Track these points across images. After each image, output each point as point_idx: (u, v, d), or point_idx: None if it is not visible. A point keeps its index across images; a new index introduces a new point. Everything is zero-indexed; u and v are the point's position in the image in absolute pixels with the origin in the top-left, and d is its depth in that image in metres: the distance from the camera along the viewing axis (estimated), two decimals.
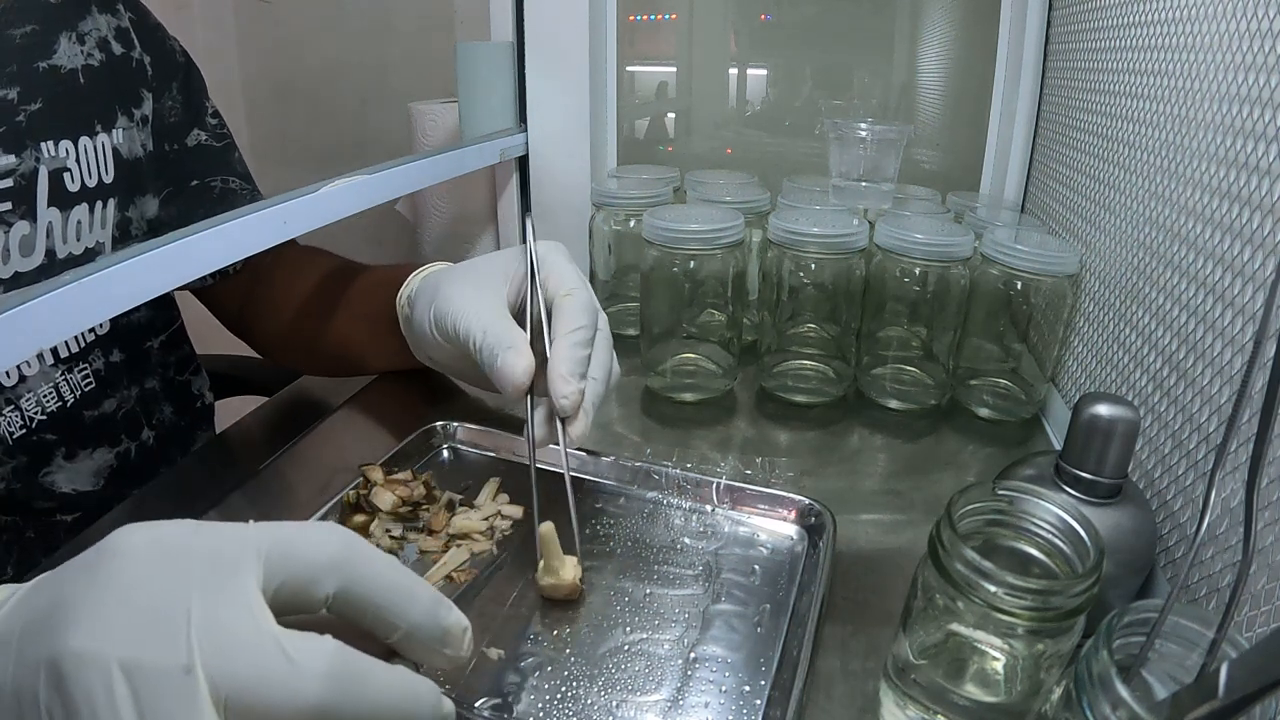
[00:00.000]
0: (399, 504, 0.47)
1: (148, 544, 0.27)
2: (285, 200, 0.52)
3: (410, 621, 0.28)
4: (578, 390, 0.45)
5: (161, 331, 0.68)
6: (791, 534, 0.49)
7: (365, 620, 0.28)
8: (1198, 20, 0.46)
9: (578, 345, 0.46)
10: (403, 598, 0.28)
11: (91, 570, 0.26)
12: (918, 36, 0.87)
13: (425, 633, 0.29)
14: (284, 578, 0.27)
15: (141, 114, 0.61)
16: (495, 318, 0.48)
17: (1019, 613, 0.30)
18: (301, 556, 0.27)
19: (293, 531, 0.28)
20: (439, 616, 0.29)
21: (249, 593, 0.26)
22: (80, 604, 0.25)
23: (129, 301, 0.42)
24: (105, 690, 0.24)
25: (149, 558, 0.26)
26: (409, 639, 0.29)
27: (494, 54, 0.86)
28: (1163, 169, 0.49)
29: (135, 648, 0.24)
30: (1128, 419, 0.39)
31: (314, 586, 0.27)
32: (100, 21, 0.58)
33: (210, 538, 0.27)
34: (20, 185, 0.51)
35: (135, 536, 0.27)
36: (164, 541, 0.27)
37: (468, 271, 0.53)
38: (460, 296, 0.50)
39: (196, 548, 0.27)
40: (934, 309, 0.63)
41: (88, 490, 0.60)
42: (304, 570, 0.27)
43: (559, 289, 0.49)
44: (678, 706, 0.37)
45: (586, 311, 0.48)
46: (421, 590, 0.29)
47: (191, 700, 0.24)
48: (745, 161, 0.95)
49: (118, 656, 0.24)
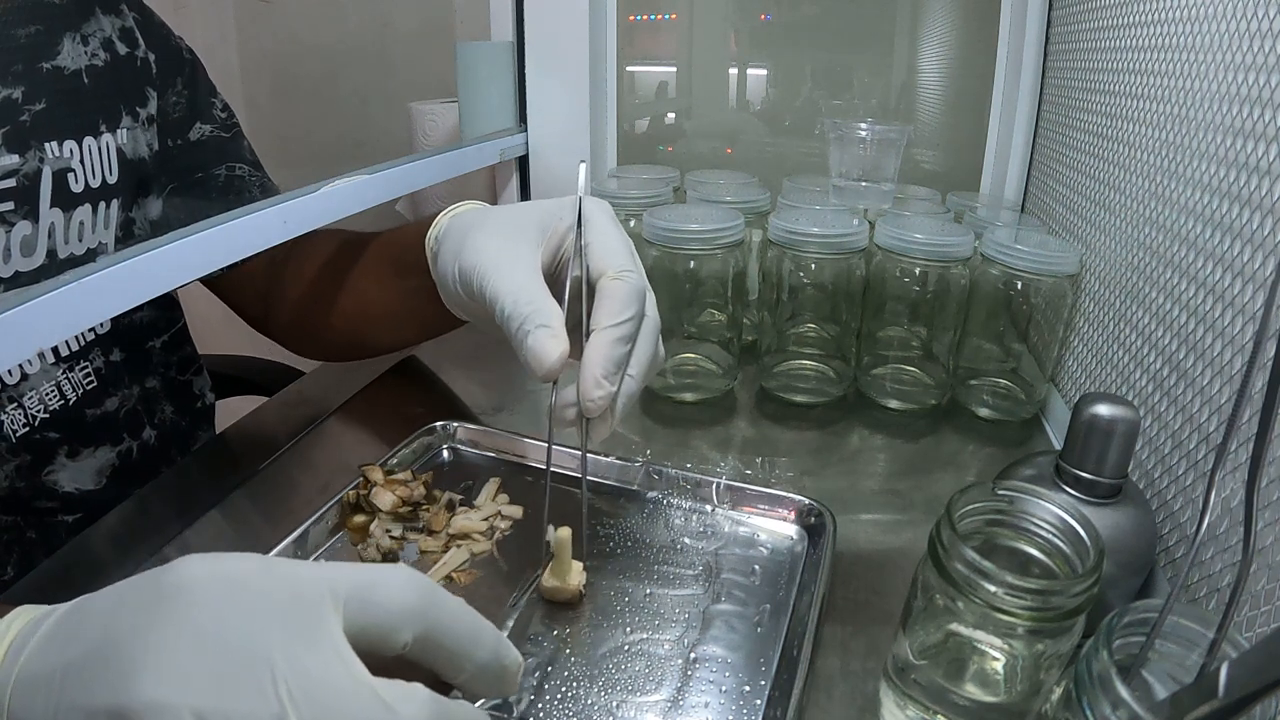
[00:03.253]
0: (399, 504, 0.47)
1: (217, 580, 0.25)
2: (285, 200, 0.52)
3: (477, 664, 0.28)
4: (609, 394, 0.40)
5: (164, 332, 0.68)
6: (791, 534, 0.49)
7: (437, 663, 0.27)
8: (1198, 20, 0.46)
9: (618, 342, 0.41)
10: (473, 642, 0.28)
11: (153, 609, 0.24)
12: (918, 36, 0.87)
13: (490, 673, 0.29)
14: (365, 623, 0.25)
15: (147, 113, 0.61)
16: (527, 281, 0.43)
17: (1019, 613, 0.30)
18: (383, 604, 0.26)
19: (374, 576, 0.27)
20: (501, 656, 0.29)
21: (336, 639, 0.24)
22: (147, 647, 0.23)
23: (129, 301, 0.42)
24: None
25: (221, 595, 0.25)
26: (473, 680, 0.28)
27: (494, 54, 0.86)
28: (1163, 169, 0.49)
29: (219, 698, 0.22)
30: (1128, 419, 0.39)
31: (394, 635, 0.26)
32: (104, 23, 0.58)
33: (286, 578, 0.26)
34: (23, 185, 0.51)
35: (200, 570, 0.25)
36: (235, 579, 0.25)
37: (502, 220, 0.47)
38: (490, 250, 0.45)
39: (273, 589, 0.25)
40: (934, 309, 0.63)
41: (90, 489, 0.60)
42: (385, 618, 0.26)
43: (605, 266, 0.43)
44: (678, 706, 0.37)
45: (634, 300, 0.42)
46: (488, 633, 0.29)
47: None
48: (745, 161, 0.95)
49: (201, 707, 0.22)
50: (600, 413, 0.41)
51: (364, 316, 0.63)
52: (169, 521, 0.50)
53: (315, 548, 0.46)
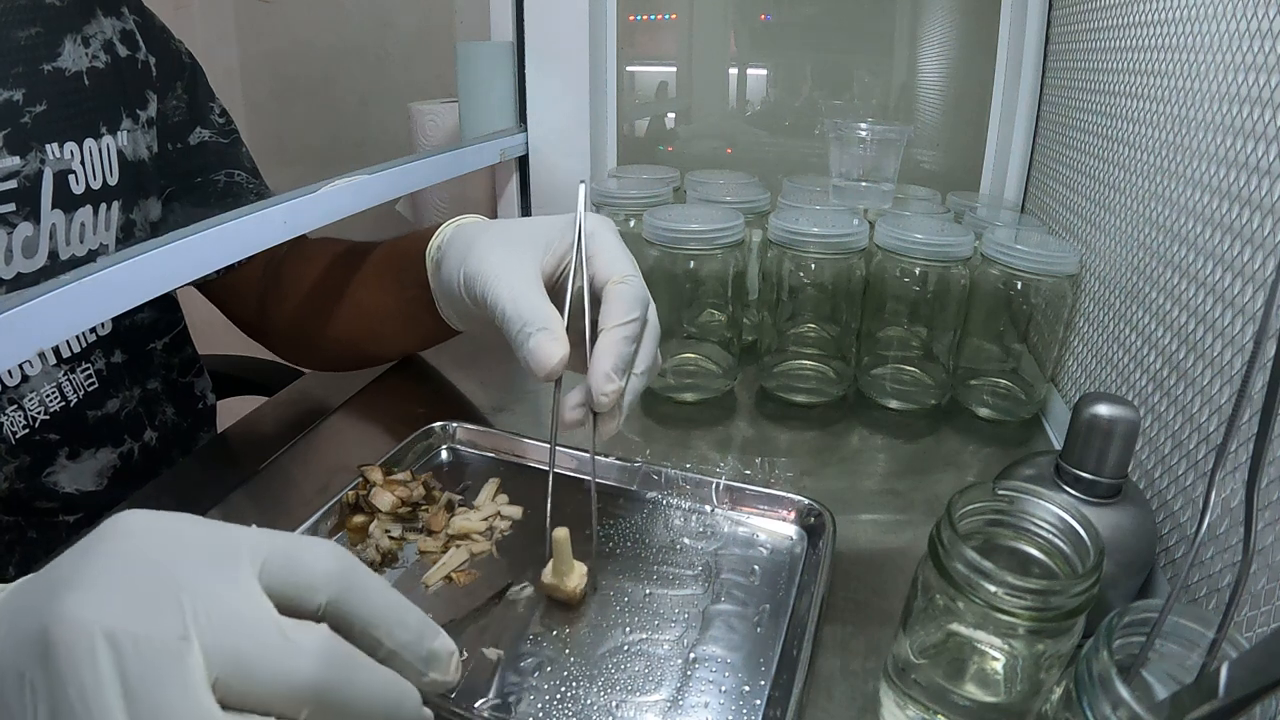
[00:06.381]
0: (398, 504, 0.47)
1: (147, 527, 0.27)
2: (285, 200, 0.52)
3: (397, 641, 0.29)
4: (619, 389, 0.43)
5: (165, 334, 0.68)
6: (791, 534, 0.49)
7: (353, 635, 0.28)
8: (1198, 20, 0.46)
9: (626, 340, 0.43)
10: (393, 617, 0.29)
11: (88, 547, 0.26)
12: (918, 36, 0.87)
13: (411, 653, 0.29)
14: (284, 580, 0.27)
15: (147, 116, 0.61)
16: (527, 290, 0.44)
17: (1019, 613, 0.30)
18: (300, 564, 0.27)
19: (294, 540, 0.28)
20: (426, 639, 0.30)
21: (247, 580, 0.26)
22: (74, 576, 0.25)
23: (129, 301, 0.42)
24: (93, 657, 0.23)
25: (147, 538, 0.27)
26: (394, 659, 0.29)
27: (494, 54, 0.86)
28: (1163, 169, 0.49)
29: (130, 617, 0.24)
30: (1128, 419, 0.39)
31: (309, 594, 0.27)
32: (105, 25, 0.58)
33: (214, 531, 0.28)
34: (24, 187, 0.51)
35: (135, 520, 0.27)
36: (164, 527, 0.27)
37: (505, 233, 0.49)
38: (493, 258, 0.46)
39: (197, 536, 0.27)
40: (934, 309, 0.63)
41: (90, 490, 0.60)
42: (303, 576, 0.27)
43: (610, 273, 0.45)
44: (677, 706, 0.37)
45: (639, 303, 0.44)
46: (412, 615, 0.30)
47: (185, 671, 0.24)
48: (745, 161, 0.95)
49: (111, 624, 0.24)
50: (611, 408, 0.43)
51: (363, 326, 0.63)
52: None
53: None
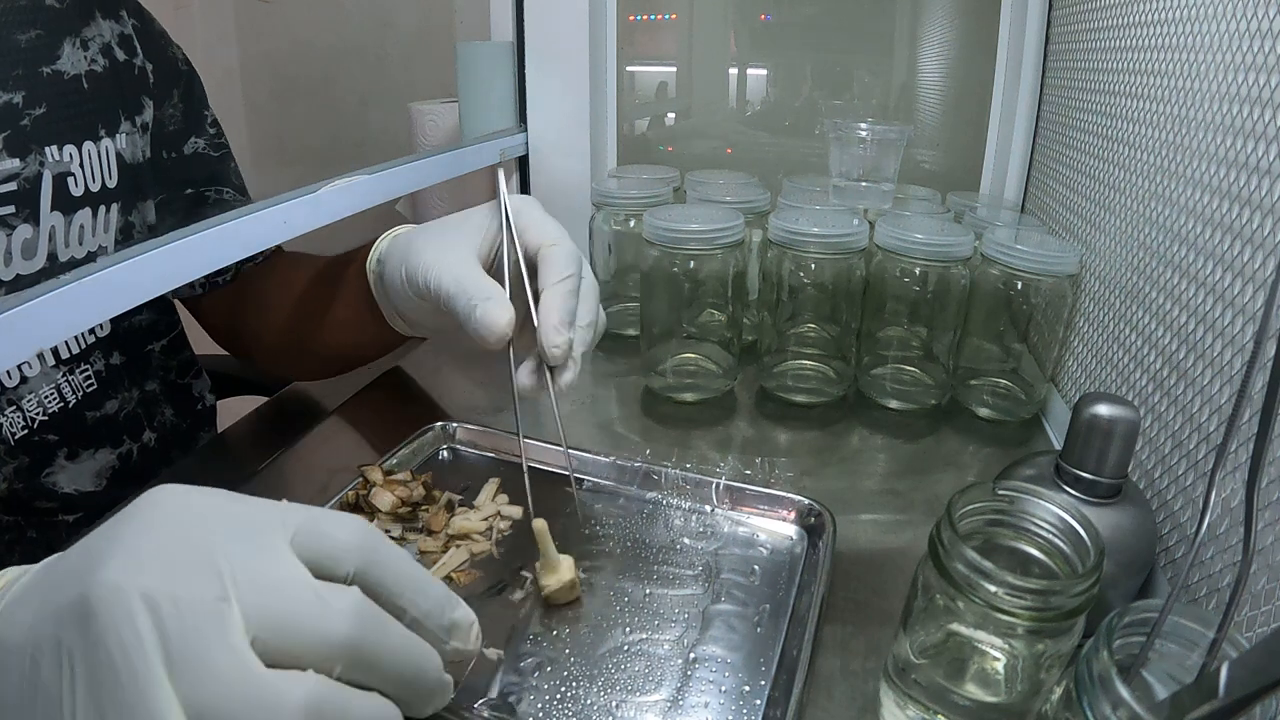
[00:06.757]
0: (398, 504, 0.47)
1: (180, 500, 0.28)
2: (285, 200, 0.52)
3: (420, 609, 0.30)
4: (569, 340, 0.46)
5: (163, 336, 0.68)
6: (791, 534, 0.49)
7: (379, 602, 0.29)
8: (1198, 20, 0.46)
9: (569, 294, 0.47)
10: (416, 587, 0.30)
11: (122, 520, 0.27)
12: (918, 36, 0.87)
13: (434, 620, 0.30)
14: (313, 549, 0.28)
15: (142, 121, 0.61)
16: (468, 269, 0.48)
17: (1019, 613, 0.30)
18: (330, 534, 0.28)
19: (322, 513, 0.29)
20: (447, 609, 0.31)
21: (281, 548, 0.27)
22: (111, 545, 0.26)
23: (129, 302, 0.42)
24: (132, 618, 0.24)
25: (181, 510, 0.28)
26: (417, 626, 0.30)
27: (494, 54, 0.86)
28: (1163, 169, 0.49)
29: (170, 580, 0.25)
30: (1128, 419, 0.39)
31: (337, 563, 0.28)
32: (104, 27, 0.57)
33: (245, 504, 0.29)
34: (24, 189, 0.51)
35: (169, 494, 0.28)
36: (197, 500, 0.28)
37: (438, 227, 0.52)
38: (431, 250, 0.50)
39: (229, 508, 0.28)
40: (934, 309, 0.63)
41: (89, 490, 0.60)
42: (330, 546, 0.28)
43: (542, 240, 0.49)
44: (677, 706, 0.37)
45: (573, 260, 0.48)
46: (434, 586, 0.31)
47: (226, 630, 0.24)
48: (745, 161, 0.95)
49: (152, 587, 0.24)
50: (564, 359, 0.46)
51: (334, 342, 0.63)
52: None
53: None
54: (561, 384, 0.47)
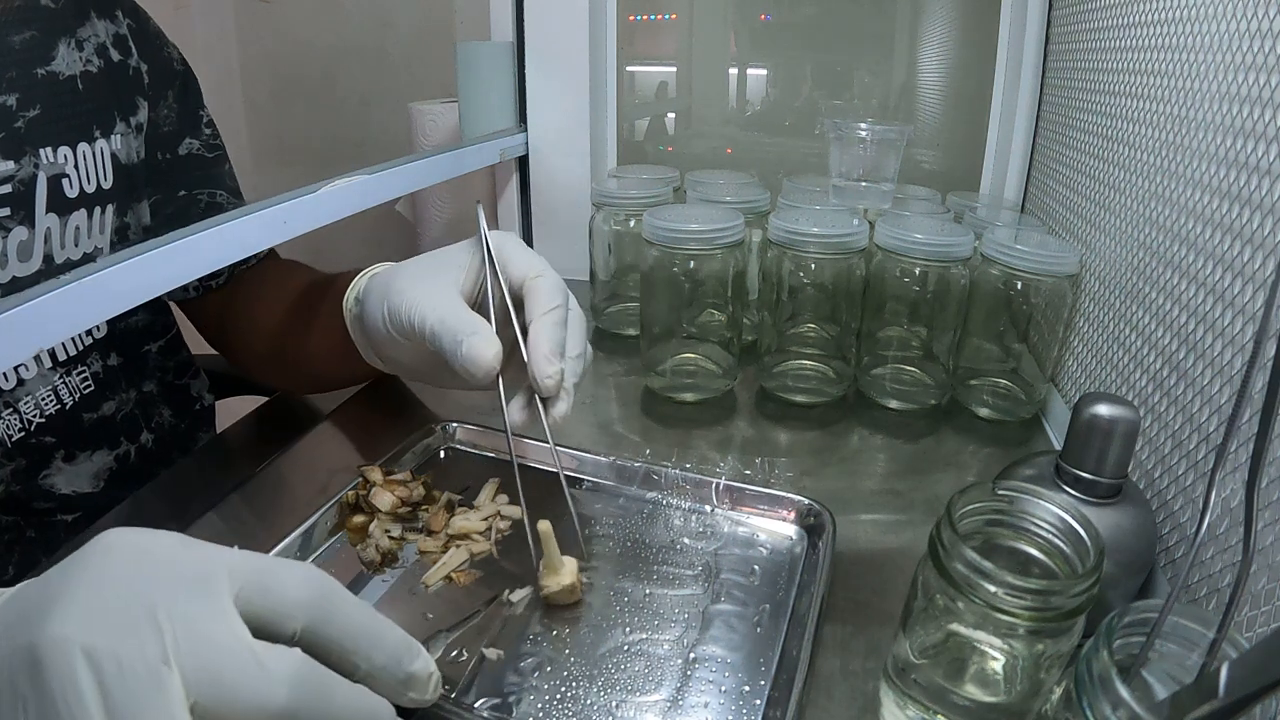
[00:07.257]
0: (398, 504, 0.47)
1: (133, 547, 0.28)
2: (285, 200, 0.52)
3: (374, 663, 0.30)
4: (560, 370, 0.45)
5: (160, 336, 0.67)
6: (791, 534, 0.49)
7: (330, 659, 0.29)
8: (1198, 20, 0.46)
9: (558, 324, 0.46)
10: (370, 640, 0.30)
11: (75, 564, 0.27)
12: (918, 36, 0.87)
13: (389, 674, 0.30)
14: (259, 606, 0.28)
15: (137, 121, 0.60)
16: (452, 306, 0.47)
17: (1019, 613, 0.30)
18: (277, 591, 0.28)
19: (273, 564, 0.29)
20: (405, 660, 0.31)
21: (224, 604, 0.27)
22: (61, 593, 0.26)
23: (127, 302, 0.42)
24: (75, 676, 0.24)
25: (132, 558, 0.28)
26: (371, 680, 0.30)
27: (494, 54, 0.86)
28: (1163, 169, 0.49)
29: (110, 638, 0.25)
30: (1128, 419, 0.39)
31: (283, 620, 0.28)
32: (99, 28, 0.57)
33: (193, 551, 0.29)
34: (19, 191, 0.51)
35: (122, 538, 0.28)
36: (149, 548, 0.28)
37: (418, 265, 0.51)
38: (413, 289, 0.48)
39: (178, 559, 0.28)
40: (934, 309, 0.63)
41: (87, 492, 0.60)
42: (276, 602, 0.28)
43: (526, 273, 0.48)
44: (677, 706, 0.37)
45: (559, 291, 0.48)
46: (389, 637, 0.30)
47: (167, 698, 0.25)
48: (745, 161, 0.95)
49: (96, 644, 0.25)
50: (556, 390, 0.45)
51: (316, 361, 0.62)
52: (167, 522, 0.49)
53: (314, 549, 0.46)
54: (555, 416, 0.46)
